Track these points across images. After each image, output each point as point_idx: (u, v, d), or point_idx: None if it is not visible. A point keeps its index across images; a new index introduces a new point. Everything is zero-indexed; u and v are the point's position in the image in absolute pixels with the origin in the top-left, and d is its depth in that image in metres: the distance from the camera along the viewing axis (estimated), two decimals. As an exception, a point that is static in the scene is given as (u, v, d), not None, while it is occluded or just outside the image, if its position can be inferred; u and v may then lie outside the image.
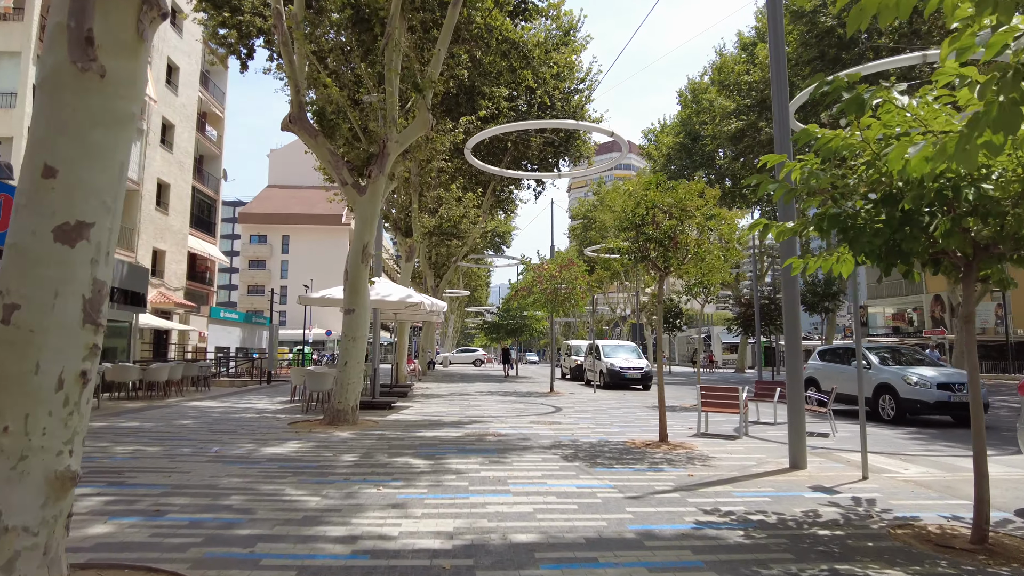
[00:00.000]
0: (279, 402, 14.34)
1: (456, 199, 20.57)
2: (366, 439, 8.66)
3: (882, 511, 5.16)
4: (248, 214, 64.44)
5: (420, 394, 17.53)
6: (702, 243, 8.10)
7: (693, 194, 8.19)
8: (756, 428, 10.78)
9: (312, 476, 6.16)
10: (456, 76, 19.36)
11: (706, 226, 8.12)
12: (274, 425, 10.09)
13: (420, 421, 10.90)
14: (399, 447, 7.99)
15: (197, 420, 10.57)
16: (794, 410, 7.16)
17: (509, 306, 31.99)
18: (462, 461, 7.05)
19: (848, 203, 4.84)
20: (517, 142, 26.57)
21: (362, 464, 6.81)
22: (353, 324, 10.35)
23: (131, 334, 17.72)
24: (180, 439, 8.41)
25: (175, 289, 27.95)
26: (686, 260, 8.25)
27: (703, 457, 7.66)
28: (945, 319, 38.22)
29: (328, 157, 10.60)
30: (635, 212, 8.33)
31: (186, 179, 29.31)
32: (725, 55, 33.50)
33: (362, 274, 10.40)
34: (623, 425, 10.81)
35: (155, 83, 25.10)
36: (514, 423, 10.87)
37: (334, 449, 7.78)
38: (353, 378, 10.26)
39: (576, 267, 18.08)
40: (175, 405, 13.20)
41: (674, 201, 8.10)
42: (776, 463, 7.31)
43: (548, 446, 8.28)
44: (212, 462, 6.80)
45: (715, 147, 34.32)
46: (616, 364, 21.01)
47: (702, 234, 8.22)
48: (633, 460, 7.32)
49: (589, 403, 15.35)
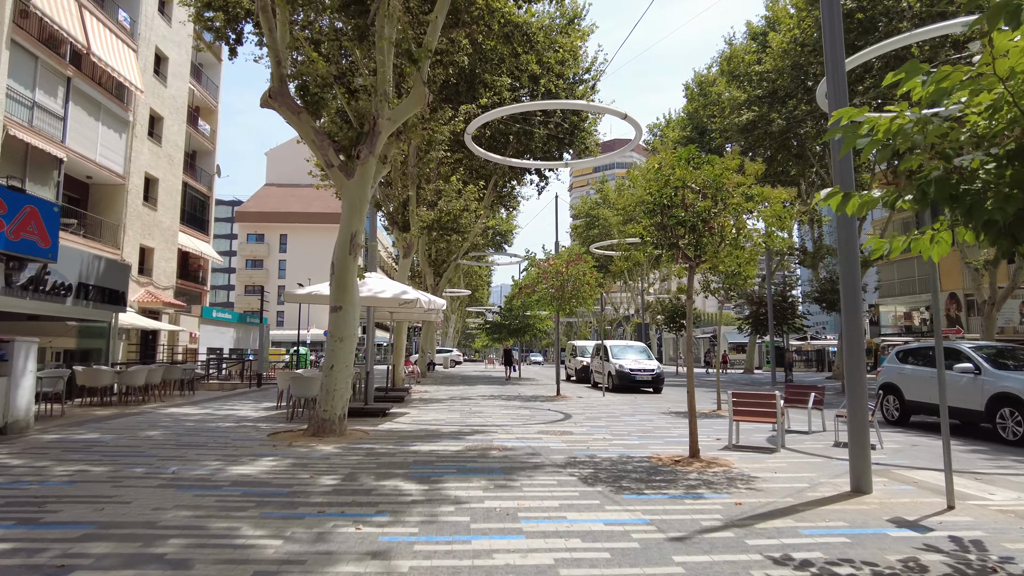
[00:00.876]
0: (264, 408, 13.23)
1: (456, 192, 19.44)
2: (352, 454, 7.54)
3: (1001, 560, 4.03)
4: (245, 213, 63.36)
5: (418, 398, 16.42)
6: (741, 227, 6.97)
7: (730, 171, 7.07)
8: (790, 438, 9.65)
9: (279, 507, 5.04)
10: (456, 62, 18.26)
11: (744, 208, 6.99)
12: (251, 437, 8.98)
13: (416, 431, 9.78)
14: (389, 466, 6.87)
15: (167, 430, 9.46)
16: (857, 423, 6.03)
17: (512, 305, 30.85)
18: (462, 485, 5.93)
19: (960, 161, 3.72)
20: (520, 134, 25.47)
21: (342, 490, 5.69)
22: (340, 323, 9.23)
23: (110, 335, 16.60)
24: (137, 456, 7.29)
25: (164, 288, 26.84)
26: (721, 248, 7.11)
27: (745, 477, 6.54)
28: (961, 318, 37.06)
29: (312, 136, 9.49)
30: (662, 192, 7.21)
31: (176, 174, 28.20)
32: (735, 45, 32.37)
33: (350, 267, 9.29)
34: (642, 435, 9.69)
35: (141, 73, 24.01)
36: (521, 433, 9.75)
37: (313, 468, 6.67)
38: (340, 384, 9.14)
39: (584, 262, 16.96)
40: (150, 412, 12.09)
41: (708, 179, 6.97)
42: (832, 485, 6.19)
43: (562, 463, 7.16)
44: (164, 487, 5.68)
45: (724, 141, 33.16)
46: (625, 366, 19.87)
47: (739, 217, 7.08)
48: (664, 482, 6.20)
49: (600, 408, 14.22)
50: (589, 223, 53.57)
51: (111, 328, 16.63)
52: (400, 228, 20.05)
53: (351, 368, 9.33)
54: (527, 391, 19.82)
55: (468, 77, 22.92)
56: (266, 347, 20.92)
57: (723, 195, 7.01)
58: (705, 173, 7.06)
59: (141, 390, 14.20)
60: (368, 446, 8.21)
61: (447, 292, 37.86)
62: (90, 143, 21.60)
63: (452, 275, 35.19)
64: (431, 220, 18.93)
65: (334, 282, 9.33)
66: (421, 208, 19.41)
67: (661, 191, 7.23)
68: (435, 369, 38.34)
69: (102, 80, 22.33)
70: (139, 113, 24.55)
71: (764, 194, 6.95)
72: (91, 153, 21.54)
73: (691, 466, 7.15)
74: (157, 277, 26.31)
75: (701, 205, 6.95)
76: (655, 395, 18.93)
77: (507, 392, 19.23)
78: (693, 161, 7.15)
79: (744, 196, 6.97)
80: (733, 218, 6.99)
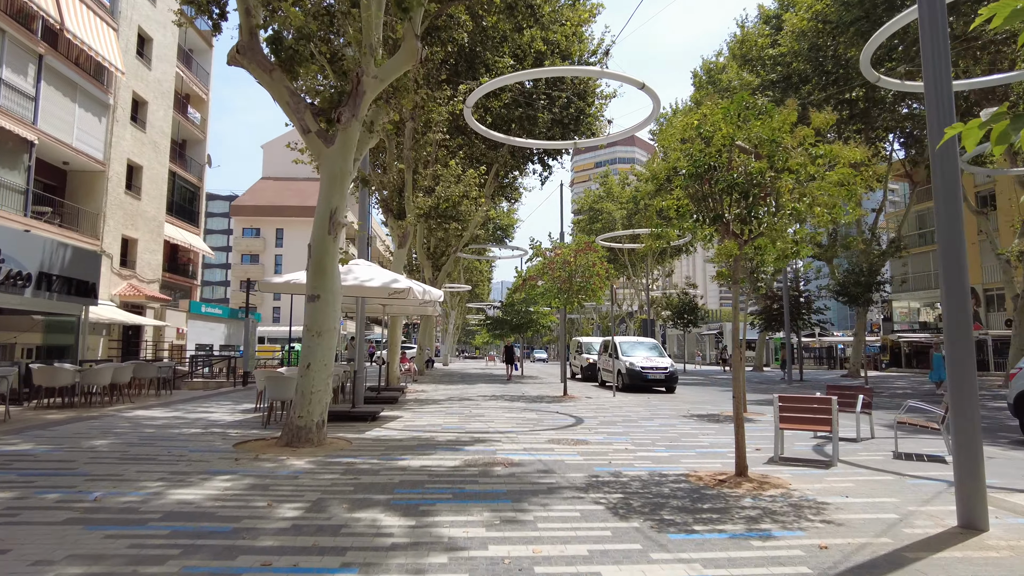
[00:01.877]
0: (241, 411, 11.92)
1: (455, 177, 18.10)
2: (327, 472, 6.23)
3: None
4: (241, 206, 62.00)
5: (413, 399, 15.11)
6: (806, 193, 5.64)
7: (788, 124, 5.73)
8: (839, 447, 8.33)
9: (211, 556, 3.74)
10: (455, 39, 16.90)
11: (809, 170, 5.65)
12: (214, 447, 7.67)
13: (407, 440, 8.47)
14: (369, 489, 5.56)
15: (118, 439, 8.15)
16: (966, 441, 4.71)
17: (513, 299, 29.52)
18: (459, 519, 4.63)
19: None
20: (523, 119, 24.11)
21: (304, 526, 4.39)
22: (318, 314, 7.92)
23: (79, 330, 15.28)
24: (63, 475, 5.99)
25: (149, 281, 25.52)
26: (778, 220, 5.78)
27: (812, 504, 5.23)
28: (980, 314, 35.71)
29: (287, 97, 8.16)
30: (704, 153, 5.87)
31: (161, 161, 26.84)
32: (747, 28, 30.97)
33: (330, 249, 7.96)
34: (669, 445, 8.38)
35: (122, 53, 22.65)
36: (528, 442, 8.43)
37: (274, 492, 5.36)
38: (318, 385, 7.83)
39: (594, 252, 15.63)
40: (112, 415, 10.79)
41: (763, 135, 5.63)
42: (929, 516, 4.88)
43: (582, 485, 5.84)
44: (70, 523, 4.38)
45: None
46: (636, 364, 18.56)
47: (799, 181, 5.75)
48: (716, 513, 4.89)
49: (612, 411, 12.91)
50: (592, 217, 52.22)
51: (80, 322, 15.30)
52: (395, 216, 18.72)
53: (331, 367, 8.01)
54: (531, 391, 18.51)
55: (468, 57, 21.52)
56: (252, 343, 19.61)
57: (782, 155, 5.68)
58: (758, 128, 5.73)
59: (106, 390, 12.89)
60: (348, 460, 6.90)
61: (446, 287, 36.53)
62: (66, 126, 20.26)
63: (451, 269, 33.89)
64: (428, 207, 17.60)
65: (311, 266, 8.01)
66: (418, 194, 18.08)
67: (703, 151, 5.90)
68: (433, 367, 37.08)
69: (79, 60, 20.98)
70: (120, 96, 23.20)
71: (833, 152, 5.61)
72: (67, 137, 20.20)
73: (740, 487, 5.84)
74: (141, 269, 25.00)
75: (755, 166, 5.62)
76: (669, 395, 17.62)
77: (510, 392, 17.92)
78: (744, 113, 5.81)
79: (808, 155, 5.63)
80: (794, 184, 5.65)
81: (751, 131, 5.70)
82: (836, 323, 66.66)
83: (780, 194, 5.76)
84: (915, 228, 39.88)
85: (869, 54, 10.50)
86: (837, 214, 5.96)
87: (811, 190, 5.60)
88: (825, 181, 5.73)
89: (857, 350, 30.62)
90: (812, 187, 5.61)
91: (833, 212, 5.86)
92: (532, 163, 28.44)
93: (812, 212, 5.91)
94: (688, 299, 36.60)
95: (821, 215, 5.93)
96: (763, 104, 5.80)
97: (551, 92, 25.26)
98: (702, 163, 5.86)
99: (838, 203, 5.84)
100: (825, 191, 5.68)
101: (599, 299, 16.05)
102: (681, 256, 51.92)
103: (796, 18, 25.68)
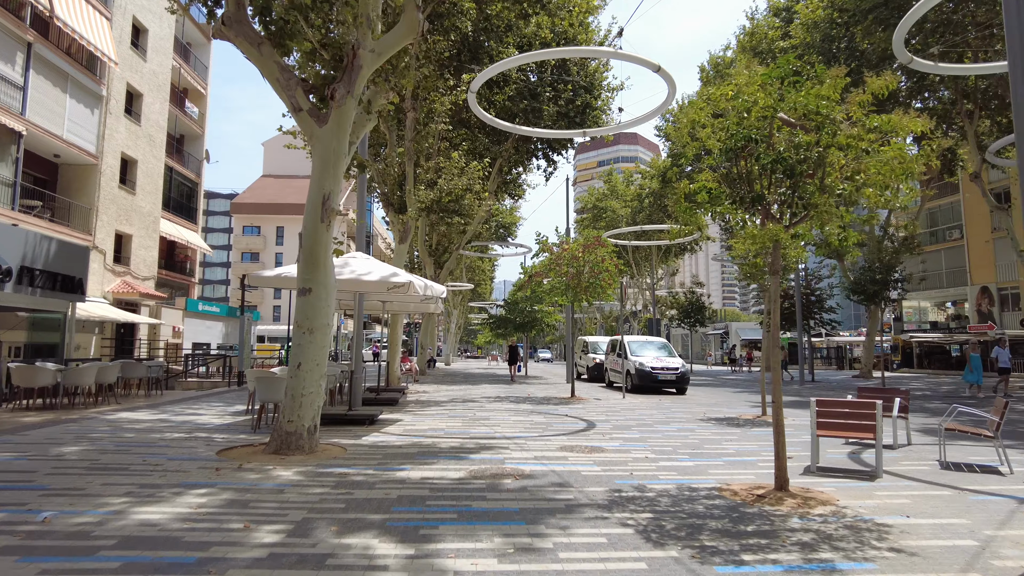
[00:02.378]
0: (232, 413, 11.26)
1: (459, 169, 17.41)
2: (316, 485, 5.55)
3: None
4: (241, 204, 61.41)
5: (414, 400, 14.44)
6: (862, 170, 4.94)
7: (838, 91, 5.04)
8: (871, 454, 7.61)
9: (165, 599, 3.06)
10: (458, 27, 16.23)
11: (863, 143, 4.95)
12: (196, 454, 7.00)
13: (407, 447, 7.79)
14: (362, 507, 4.88)
15: (92, 445, 7.48)
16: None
17: (517, 298, 28.83)
18: (466, 547, 3.94)
19: None
20: (528, 112, 23.45)
21: (283, 555, 3.71)
22: (310, 309, 7.24)
23: (64, 327, 14.62)
24: (18, 488, 5.32)
25: (144, 278, 24.87)
26: (826, 201, 5.09)
27: (872, 527, 4.54)
28: (994, 313, 34.92)
29: (277, 73, 7.48)
30: (742, 126, 5.18)
31: (157, 155, 26.18)
32: (757, 20, 30.24)
33: (322, 238, 7.28)
34: (692, 453, 7.68)
35: (116, 44, 22.00)
36: (539, 450, 7.74)
37: (255, 510, 4.68)
38: (310, 387, 7.15)
39: (603, 247, 14.94)
40: (92, 418, 10.13)
41: (811, 105, 4.94)
42: (1016, 543, 4.19)
43: (604, 501, 5.15)
44: (4, 554, 3.70)
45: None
46: (646, 364, 17.85)
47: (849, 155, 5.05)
48: (762, 537, 4.20)
49: (624, 413, 12.22)
50: (596, 215, 51.45)
51: (67, 320, 14.65)
52: (396, 210, 18.05)
53: (324, 367, 7.33)
54: (537, 392, 17.82)
55: (472, 46, 20.87)
56: (247, 341, 18.94)
57: (831, 127, 4.98)
58: (802, 99, 5.03)
59: (91, 391, 12.24)
60: (341, 470, 6.22)
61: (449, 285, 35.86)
62: (56, 117, 19.62)
63: (454, 267, 33.22)
64: (430, 200, 16.91)
65: (302, 257, 7.33)
66: (419, 187, 17.40)
67: (741, 124, 5.20)
68: (435, 366, 36.44)
69: (71, 49, 20.34)
70: (114, 88, 22.55)
71: (892, 123, 4.91)
72: (57, 128, 19.56)
73: (783, 504, 5.15)
74: (136, 266, 24.36)
75: (804, 139, 4.92)
76: (680, 396, 16.92)
77: (515, 393, 17.24)
78: (788, 80, 5.11)
79: (862, 126, 4.93)
80: (847, 159, 4.95)
81: (796, 100, 5.00)
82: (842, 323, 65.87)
83: (828, 172, 5.07)
84: (926, 225, 39.09)
85: (903, 34, 9.80)
86: (890, 197, 5.26)
87: (867, 166, 4.90)
88: (879, 156, 5.03)
89: (869, 350, 29.89)
90: (868, 163, 4.90)
91: (886, 194, 5.16)
92: (536, 158, 27.79)
93: (863, 194, 5.22)
94: (695, 298, 35.90)
95: (873, 197, 5.23)
96: (811, 68, 5.09)
97: (556, 85, 24.59)
98: (740, 136, 5.16)
99: (893, 183, 5.13)
100: (879, 169, 4.97)
101: (609, 296, 15.36)
102: (685, 255, 51.17)
103: (809, 8, 24.94)
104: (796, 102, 5.00)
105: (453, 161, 17.44)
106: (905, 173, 5.07)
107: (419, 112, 17.30)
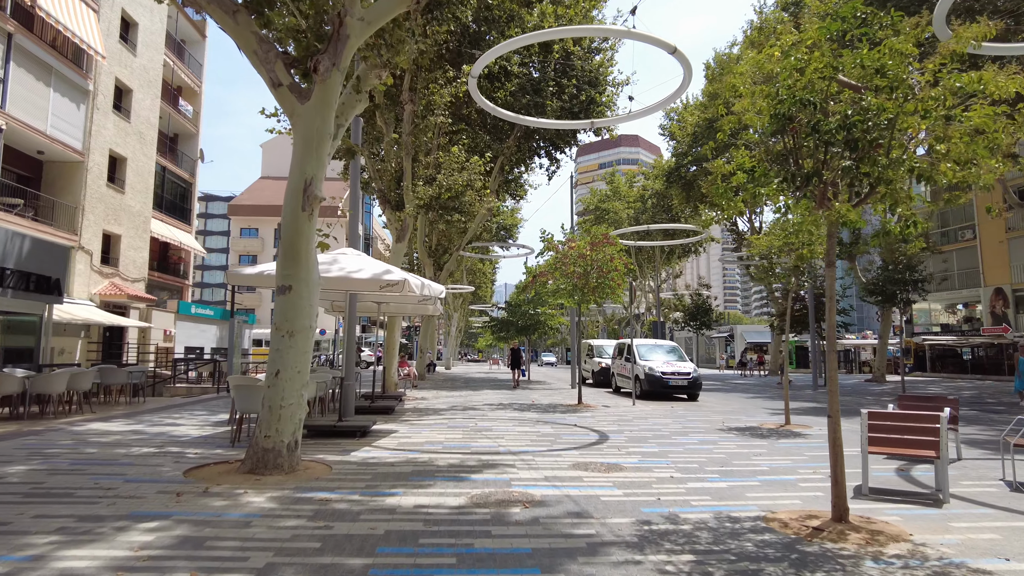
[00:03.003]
0: (214, 423, 10.39)
1: (459, 164, 16.59)
2: (290, 516, 4.69)
3: None
4: (239, 206, 60.65)
5: (412, 408, 13.58)
6: (944, 139, 4.10)
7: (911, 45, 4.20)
8: (923, 472, 6.75)
9: None
10: (457, 16, 15.41)
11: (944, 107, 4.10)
12: (160, 474, 6.14)
13: (400, 464, 6.93)
14: (341, 547, 4.02)
15: (46, 462, 6.63)
16: None
17: (519, 300, 27.99)
18: (467, 608, 3.08)
19: None
20: (530, 107, 22.63)
21: (228, 626, 2.85)
22: (290, 309, 6.39)
23: (41, 331, 13.79)
24: (-66, 521, 4.46)
25: (133, 280, 24.03)
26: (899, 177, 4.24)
27: (967, 574, 3.67)
28: (1009, 315, 34.02)
29: (255, 45, 6.64)
30: (794, 90, 4.34)
31: (148, 153, 25.37)
32: (766, 15, 29.45)
33: (304, 229, 6.44)
34: (722, 471, 6.82)
35: (104, 37, 21.22)
36: (549, 468, 6.88)
37: (209, 552, 3.82)
38: (289, 398, 6.30)
39: (612, 245, 14.09)
40: (60, 428, 9.27)
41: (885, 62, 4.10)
42: None
43: (632, 539, 4.29)
44: None
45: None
46: (656, 368, 16.98)
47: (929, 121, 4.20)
48: (842, 594, 3.34)
49: (637, 423, 11.35)
50: (598, 216, 50.63)
51: (43, 322, 13.80)
52: (393, 207, 17.23)
53: (306, 375, 6.48)
54: (542, 398, 16.95)
55: (471, 38, 20.11)
56: (239, 345, 18.09)
57: (906, 89, 4.14)
58: (867, 57, 4.19)
59: (65, 399, 11.39)
60: (323, 495, 5.36)
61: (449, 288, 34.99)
62: (39, 111, 18.81)
63: (454, 268, 32.38)
64: (429, 197, 16.08)
65: (281, 250, 6.49)
66: (418, 183, 16.56)
67: (794, 88, 4.36)
68: (435, 371, 35.58)
69: (55, 42, 19.55)
70: (101, 82, 21.75)
71: (985, 81, 4.06)
72: (40, 123, 18.75)
73: (846, 540, 4.29)
74: (124, 267, 23.52)
75: (874, 102, 4.07)
76: (692, 403, 16.05)
77: (518, 399, 16.36)
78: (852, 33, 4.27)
79: (948, 88, 4.08)
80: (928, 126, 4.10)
81: (863, 57, 4.16)
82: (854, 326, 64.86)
83: (902, 143, 4.22)
84: (938, 226, 38.27)
85: (945, 8, 8.97)
86: (972, 174, 4.40)
87: (952, 134, 4.05)
88: (962, 125, 4.18)
89: (882, 353, 29.03)
90: (953, 131, 4.05)
91: (973, 170, 4.31)
92: (539, 156, 27.00)
93: (939, 169, 4.37)
94: (701, 300, 35.05)
95: (949, 173, 4.38)
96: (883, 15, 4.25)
97: (560, 80, 23.81)
98: (791, 102, 4.32)
99: (976, 157, 4.27)
100: (965, 139, 4.13)
101: (618, 298, 14.51)
102: (690, 256, 50.33)
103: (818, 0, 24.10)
104: (862, 59, 4.15)
105: (453, 156, 16.61)
106: (992, 145, 4.22)
107: (417, 105, 16.50)
